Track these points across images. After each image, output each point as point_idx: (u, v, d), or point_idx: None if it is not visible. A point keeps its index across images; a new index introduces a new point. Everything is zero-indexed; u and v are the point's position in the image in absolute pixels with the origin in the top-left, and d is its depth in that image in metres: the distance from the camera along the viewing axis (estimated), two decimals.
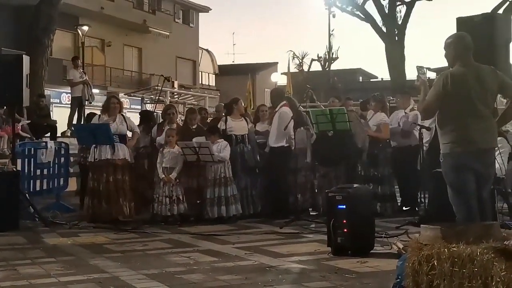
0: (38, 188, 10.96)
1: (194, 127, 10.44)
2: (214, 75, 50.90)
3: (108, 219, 9.48)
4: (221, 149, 9.73)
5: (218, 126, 10.36)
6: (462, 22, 6.79)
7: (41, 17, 19.22)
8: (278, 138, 10.11)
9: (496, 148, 5.74)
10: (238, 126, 10.30)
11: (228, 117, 10.44)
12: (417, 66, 5.85)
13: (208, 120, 12.38)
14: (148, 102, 21.21)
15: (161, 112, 11.83)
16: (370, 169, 10.17)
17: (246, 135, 10.31)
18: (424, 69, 5.88)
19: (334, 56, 45.43)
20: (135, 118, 11.42)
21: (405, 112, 10.71)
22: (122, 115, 10.08)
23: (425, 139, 9.50)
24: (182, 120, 12.44)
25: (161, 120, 11.54)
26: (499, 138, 6.54)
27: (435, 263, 3.65)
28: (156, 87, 18.76)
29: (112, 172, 9.66)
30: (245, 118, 10.57)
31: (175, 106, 12.91)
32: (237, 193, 9.81)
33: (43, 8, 19.35)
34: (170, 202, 9.49)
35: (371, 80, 59.95)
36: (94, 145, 9.75)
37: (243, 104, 11.07)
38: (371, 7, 30.90)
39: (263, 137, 10.47)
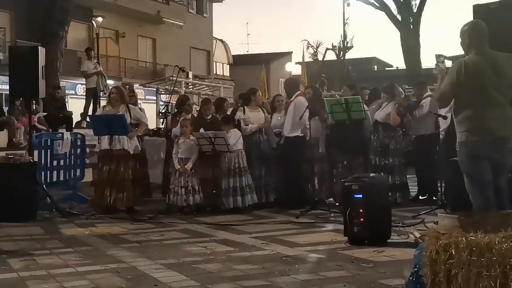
0: (54, 179, 11.03)
1: (208, 117, 10.44)
2: (228, 65, 50.87)
3: (102, 209, 9.60)
4: (231, 137, 9.71)
5: (237, 116, 10.35)
6: (478, 9, 6.73)
7: (55, 9, 19.30)
8: (293, 128, 10.10)
9: None
10: (255, 116, 10.31)
11: (245, 107, 10.42)
12: (436, 55, 5.84)
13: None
14: (163, 92, 21.20)
15: (175, 102, 11.81)
16: (381, 158, 10.14)
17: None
18: (443, 57, 5.86)
19: (348, 45, 45.28)
20: (150, 109, 11.42)
21: (420, 101, 10.68)
22: (128, 105, 10.04)
23: (441, 127, 9.47)
24: (197, 110, 12.45)
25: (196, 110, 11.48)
26: None
27: (453, 252, 3.63)
28: (171, 78, 18.74)
29: (109, 162, 9.71)
30: (262, 109, 10.56)
31: (189, 96, 12.90)
32: (252, 182, 9.82)
33: (57, 0, 19.41)
34: (186, 192, 9.52)
35: (386, 69, 59.66)
36: (98, 136, 9.87)
37: (260, 95, 11.05)
38: None
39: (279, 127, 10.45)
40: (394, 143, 10.16)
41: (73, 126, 15.59)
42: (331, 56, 47.83)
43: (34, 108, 14.20)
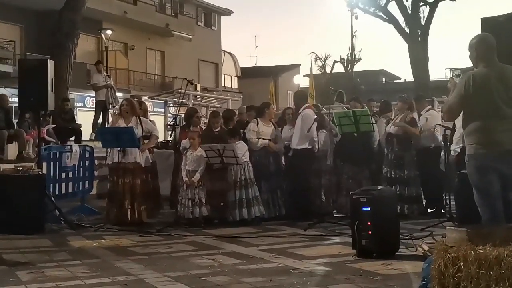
0: (63, 191, 11.03)
1: (217, 130, 10.45)
2: (236, 78, 51.01)
3: (117, 222, 9.59)
4: (238, 150, 9.71)
5: (249, 127, 10.34)
6: (486, 22, 6.71)
7: (65, 22, 19.37)
8: (301, 140, 10.09)
9: None
10: (267, 131, 10.31)
11: (258, 120, 10.40)
12: (451, 69, 5.89)
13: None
14: (172, 105, 21.25)
15: (183, 115, 11.81)
16: (396, 170, 10.13)
17: (273, 139, 10.32)
18: (458, 71, 5.88)
19: (356, 57, 45.32)
20: (159, 122, 11.40)
21: (421, 114, 10.68)
22: (139, 118, 10.07)
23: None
24: (205, 123, 12.46)
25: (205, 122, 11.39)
26: None
27: (462, 266, 3.62)
28: (179, 90, 18.79)
29: (122, 175, 9.73)
30: (274, 124, 10.56)
31: (197, 109, 12.91)
32: (258, 194, 9.81)
33: (66, 13, 19.50)
34: (193, 204, 9.50)
35: (394, 81, 59.68)
36: (108, 149, 9.88)
37: (274, 110, 11.03)
38: (393, 8, 30.83)
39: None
40: (408, 156, 10.16)
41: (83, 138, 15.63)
42: (339, 68, 47.90)
43: (47, 119, 14.27)
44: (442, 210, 10.06)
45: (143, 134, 9.99)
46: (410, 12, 30.35)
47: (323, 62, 48.86)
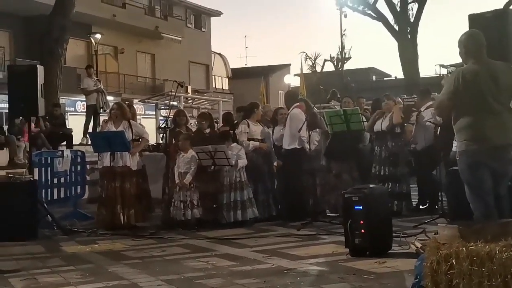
0: (55, 197, 11.01)
1: (207, 132, 10.44)
2: (227, 79, 50.97)
3: (109, 226, 9.57)
4: (238, 155, 9.71)
5: (240, 129, 10.32)
6: (474, 19, 6.74)
7: (54, 27, 19.32)
8: (290, 140, 10.08)
9: None
10: (258, 130, 10.30)
11: (248, 121, 10.39)
12: (443, 65, 5.90)
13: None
14: (163, 108, 21.23)
15: (172, 117, 11.76)
16: (385, 168, 10.12)
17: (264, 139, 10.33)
18: (453, 68, 5.90)
19: (346, 56, 45.43)
20: (150, 124, 11.37)
21: (420, 111, 10.59)
22: (129, 122, 10.02)
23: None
24: (195, 124, 12.43)
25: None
26: None
27: (454, 262, 3.63)
28: (170, 93, 18.77)
29: (112, 179, 9.70)
30: (261, 124, 10.56)
31: (185, 111, 12.85)
32: (252, 196, 9.80)
33: (56, 18, 19.45)
34: (184, 206, 9.49)
35: (385, 78, 59.68)
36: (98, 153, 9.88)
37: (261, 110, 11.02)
38: (382, 6, 30.87)
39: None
40: (398, 153, 10.13)
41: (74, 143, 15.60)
42: (329, 67, 47.96)
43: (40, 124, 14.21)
44: (436, 207, 10.05)
45: (133, 138, 9.96)
46: (399, 9, 30.40)
47: (313, 61, 48.90)
